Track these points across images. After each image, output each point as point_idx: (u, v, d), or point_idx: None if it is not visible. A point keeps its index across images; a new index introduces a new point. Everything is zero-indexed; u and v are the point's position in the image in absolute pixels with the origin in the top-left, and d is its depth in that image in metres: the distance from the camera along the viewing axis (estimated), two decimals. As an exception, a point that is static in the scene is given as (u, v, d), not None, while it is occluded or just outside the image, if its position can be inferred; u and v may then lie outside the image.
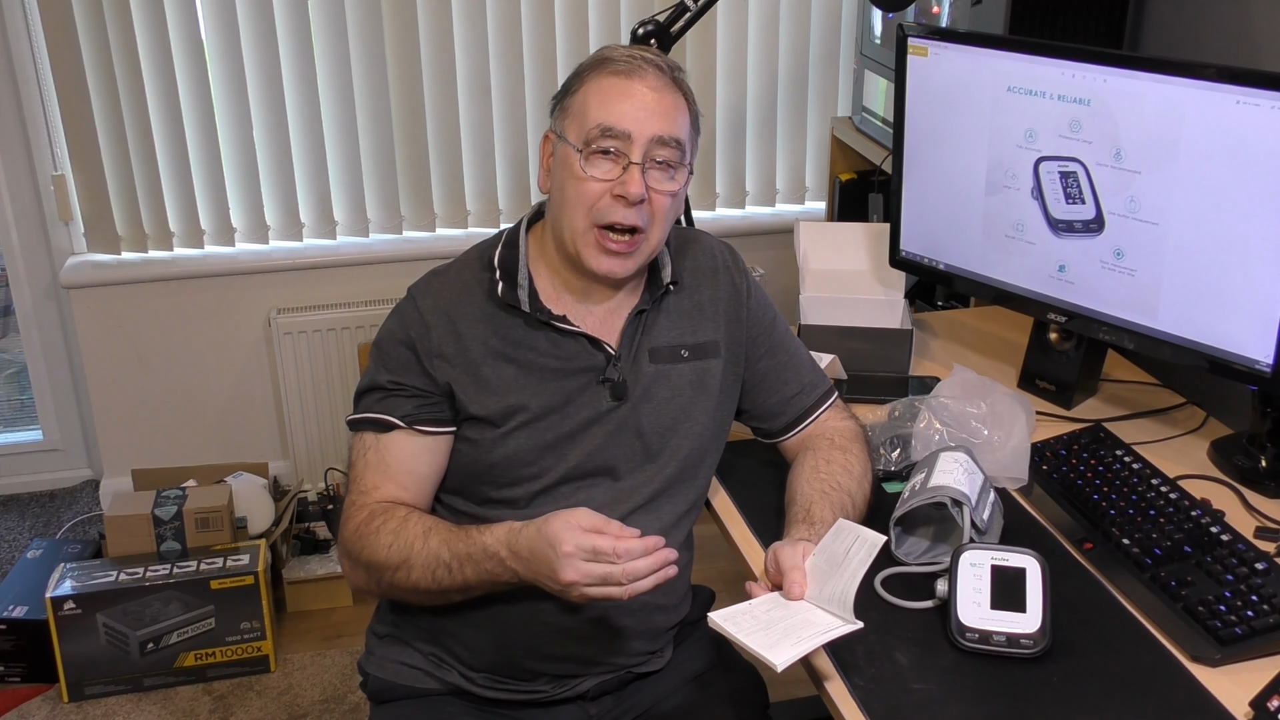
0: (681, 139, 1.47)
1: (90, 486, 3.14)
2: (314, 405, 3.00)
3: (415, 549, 1.42)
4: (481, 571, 1.39)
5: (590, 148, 1.44)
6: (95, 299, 2.93)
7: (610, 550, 1.27)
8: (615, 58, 1.48)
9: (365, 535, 1.46)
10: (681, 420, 1.55)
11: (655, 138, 1.44)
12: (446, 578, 1.41)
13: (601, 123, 1.44)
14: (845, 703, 1.28)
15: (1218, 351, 1.66)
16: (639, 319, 1.56)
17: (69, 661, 2.51)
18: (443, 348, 1.50)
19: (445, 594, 1.45)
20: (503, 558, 1.37)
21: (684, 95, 1.50)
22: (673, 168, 1.47)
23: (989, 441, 1.66)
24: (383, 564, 1.44)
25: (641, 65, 1.46)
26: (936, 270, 2.02)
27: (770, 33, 3.06)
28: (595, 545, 1.28)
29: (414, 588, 1.44)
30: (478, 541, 1.40)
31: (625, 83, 1.45)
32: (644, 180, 1.44)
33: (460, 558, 1.40)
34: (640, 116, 1.44)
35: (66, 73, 2.76)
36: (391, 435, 1.50)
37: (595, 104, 1.45)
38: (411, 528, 1.44)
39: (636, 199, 1.44)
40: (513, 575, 1.37)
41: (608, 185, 1.45)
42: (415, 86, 2.91)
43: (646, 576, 1.28)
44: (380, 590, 1.50)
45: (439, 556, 1.41)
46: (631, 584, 1.28)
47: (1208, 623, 1.35)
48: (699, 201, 3.14)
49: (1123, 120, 1.67)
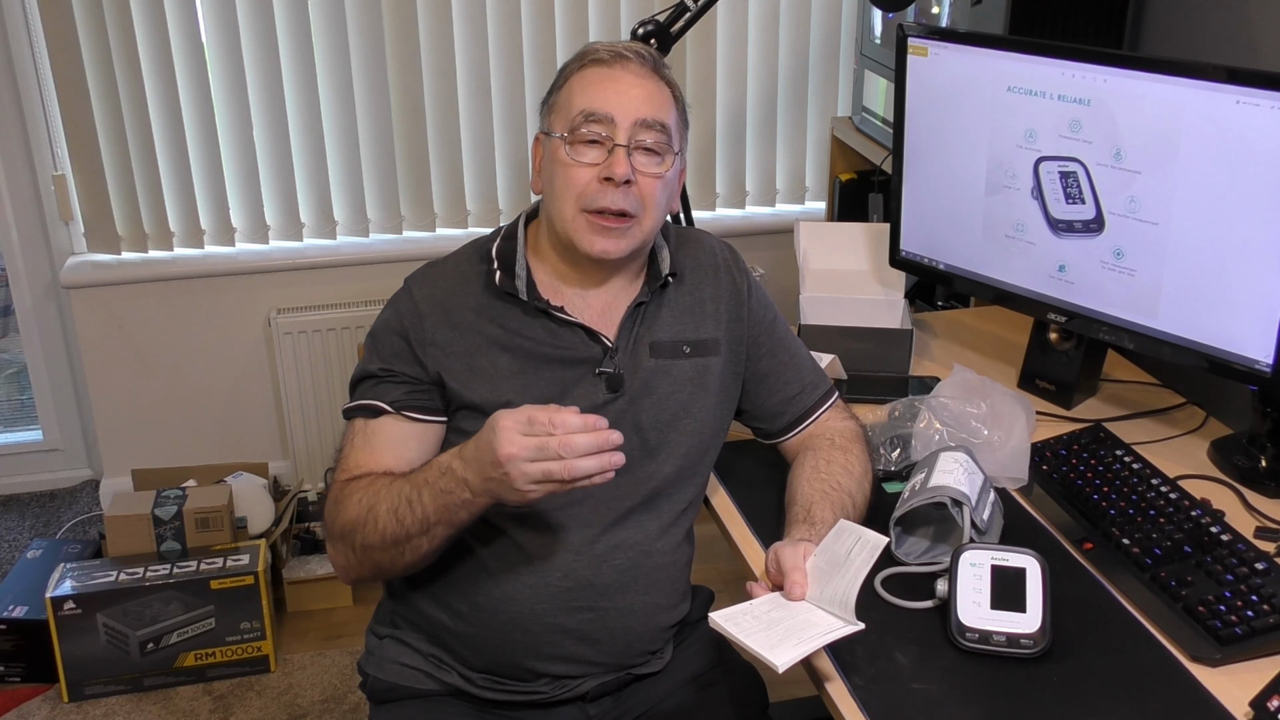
0: (666, 122, 1.48)
1: (90, 486, 3.14)
2: (314, 405, 3.00)
3: (381, 494, 1.41)
4: (437, 493, 1.36)
5: (576, 134, 1.46)
6: (95, 299, 2.94)
7: (546, 421, 1.25)
8: (598, 50, 1.50)
9: (340, 500, 1.45)
10: (681, 416, 1.55)
11: (639, 120, 1.46)
12: (408, 514, 1.38)
13: (585, 108, 1.45)
14: (845, 703, 1.28)
15: (1218, 351, 1.66)
16: (638, 311, 1.56)
17: (69, 661, 2.51)
18: (436, 336, 1.50)
19: (409, 539, 1.39)
20: (454, 469, 1.35)
21: (668, 84, 1.51)
22: (659, 153, 1.48)
23: (989, 441, 1.66)
24: (354, 520, 1.42)
25: (624, 55, 1.49)
26: (936, 270, 2.02)
27: (770, 33, 3.06)
28: (530, 415, 1.26)
29: (380, 536, 1.40)
30: (435, 461, 1.39)
31: (607, 70, 1.48)
32: (630, 162, 1.45)
33: (418, 485, 1.38)
34: (623, 100, 1.46)
35: (66, 73, 2.76)
36: (380, 420, 1.50)
37: (578, 92, 1.47)
38: (382, 480, 1.44)
39: (622, 179, 1.44)
40: (464, 489, 1.33)
41: (595, 170, 1.46)
42: (415, 86, 2.91)
43: (588, 456, 1.24)
44: (356, 558, 1.46)
45: (402, 492, 1.39)
46: (573, 461, 1.24)
47: (1208, 623, 1.35)
48: (699, 201, 3.14)
49: (1123, 120, 1.67)
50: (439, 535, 1.40)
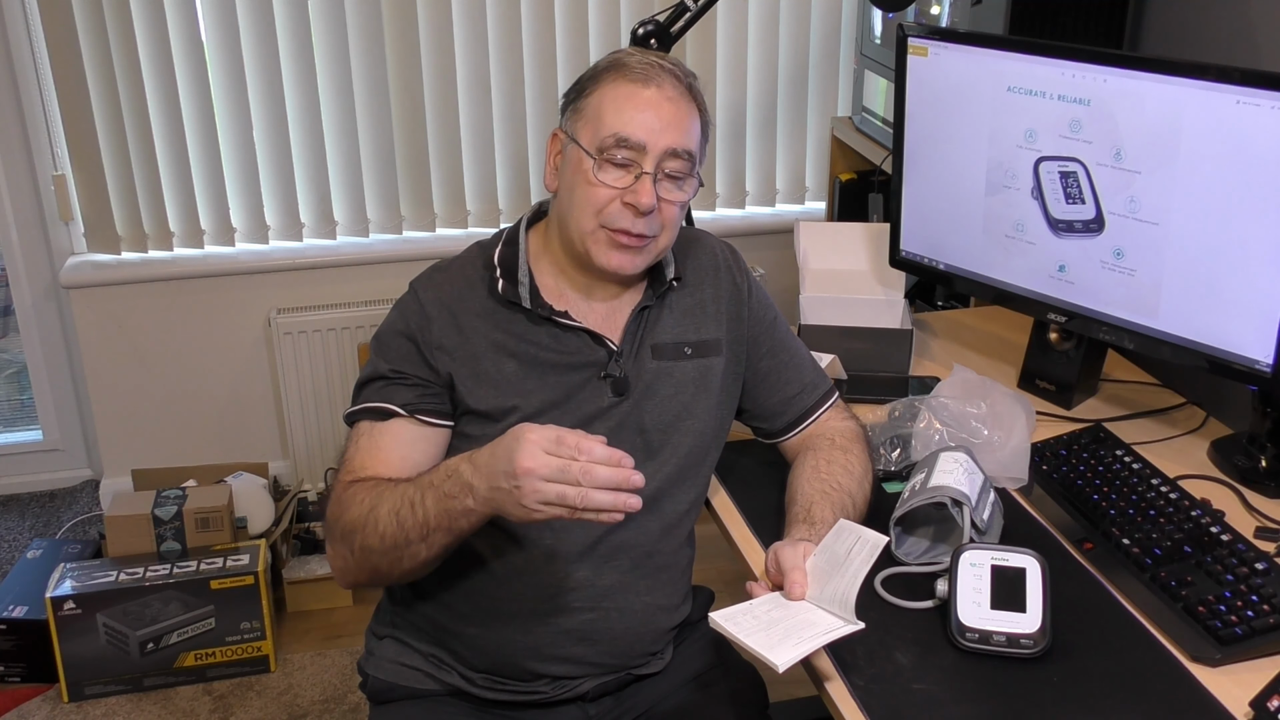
0: (693, 150, 1.49)
1: (90, 486, 3.14)
2: (314, 405, 3.00)
3: (384, 495, 1.39)
4: (441, 496, 1.32)
5: (604, 155, 1.45)
6: (95, 299, 2.93)
7: (574, 444, 1.22)
8: (632, 64, 1.47)
9: (343, 501, 1.43)
10: (683, 417, 1.56)
11: (669, 150, 1.45)
12: (409, 517, 1.35)
13: (617, 132, 1.44)
14: (845, 703, 1.28)
15: (1218, 351, 1.66)
16: (642, 315, 1.56)
17: (69, 661, 2.51)
18: (443, 340, 1.50)
19: (409, 544, 1.37)
20: (462, 472, 1.31)
21: (697, 105, 1.51)
22: (682, 178, 1.48)
23: (989, 441, 1.66)
24: (355, 521, 1.40)
25: (659, 73, 1.47)
26: (936, 270, 2.02)
27: (770, 33, 3.06)
28: (559, 435, 1.23)
29: (380, 538, 1.38)
30: (443, 463, 1.36)
31: (642, 90, 1.46)
32: (655, 190, 1.45)
33: (423, 487, 1.35)
34: (655, 128, 1.44)
35: (66, 73, 2.76)
36: (389, 423, 1.49)
37: (611, 111, 1.45)
38: (386, 483, 1.41)
39: (647, 209, 1.44)
40: (469, 494, 1.30)
41: (618, 193, 1.45)
42: (415, 86, 2.91)
43: (606, 489, 1.21)
44: (355, 560, 1.44)
45: (405, 493, 1.36)
46: (590, 490, 1.21)
47: (1208, 623, 1.35)
48: (699, 201, 3.14)
49: (1123, 120, 1.67)
50: (437, 543, 1.37)
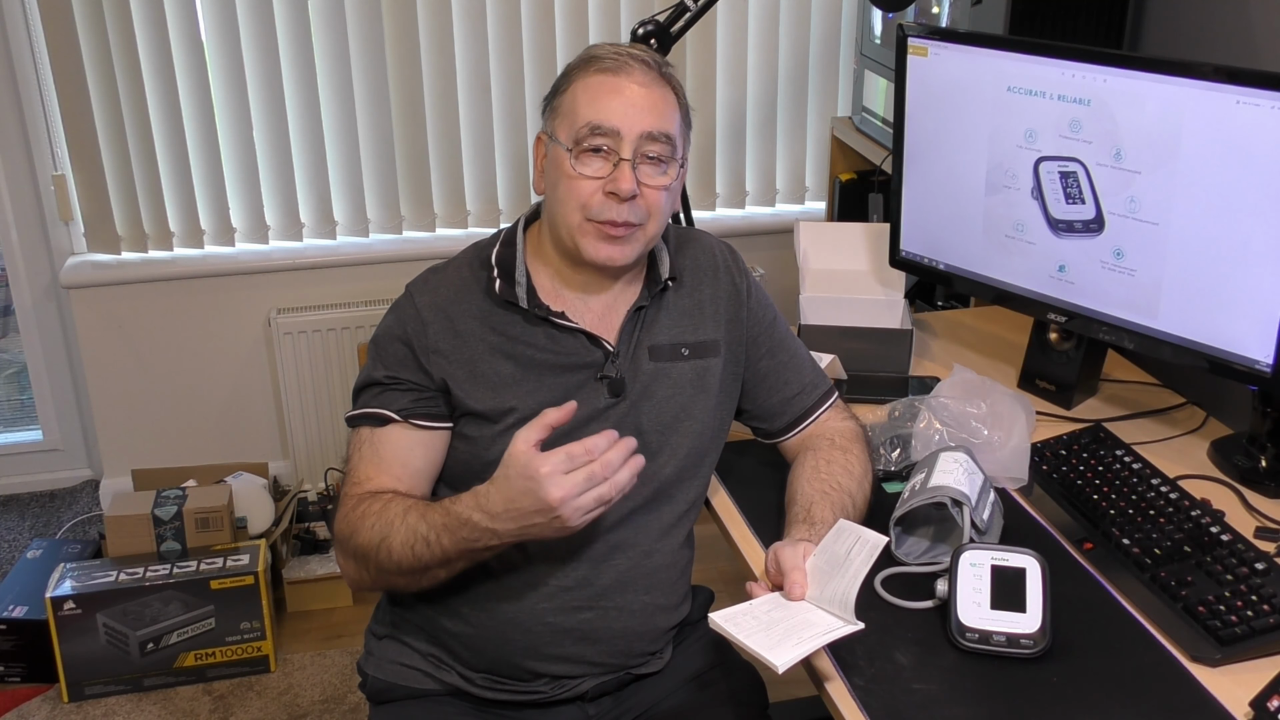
0: (671, 133, 1.48)
1: (90, 486, 3.14)
2: (314, 405, 3.00)
3: (394, 525, 1.41)
4: (459, 540, 1.37)
5: (580, 146, 1.45)
6: (95, 299, 2.93)
7: (582, 451, 1.28)
8: (602, 55, 1.48)
9: (353, 522, 1.45)
10: (681, 419, 1.56)
11: (645, 133, 1.45)
12: (425, 552, 1.39)
13: (590, 121, 1.45)
14: (845, 703, 1.28)
15: (1218, 351, 1.66)
16: (638, 315, 1.56)
17: (69, 661, 2.51)
18: (439, 344, 1.50)
19: (427, 570, 1.42)
20: (476, 522, 1.35)
21: (673, 90, 1.51)
22: (664, 162, 1.48)
23: (989, 441, 1.66)
24: (367, 546, 1.43)
25: (629, 62, 1.47)
26: (936, 270, 2.02)
27: (770, 33, 3.06)
28: (567, 452, 1.28)
29: (396, 566, 1.42)
30: (451, 511, 1.38)
31: (613, 79, 1.46)
32: (635, 176, 1.45)
33: (436, 529, 1.39)
34: (629, 113, 1.45)
35: (66, 73, 2.76)
36: (387, 429, 1.50)
37: (584, 102, 1.46)
38: (394, 508, 1.43)
39: (628, 195, 1.44)
40: (492, 537, 1.35)
41: (599, 183, 1.45)
42: (415, 86, 2.91)
43: (622, 468, 1.29)
44: (371, 578, 1.48)
45: (416, 530, 1.40)
46: (615, 478, 1.29)
47: (1208, 623, 1.35)
48: (699, 201, 3.14)
49: (1123, 120, 1.67)
50: (458, 567, 1.43)
